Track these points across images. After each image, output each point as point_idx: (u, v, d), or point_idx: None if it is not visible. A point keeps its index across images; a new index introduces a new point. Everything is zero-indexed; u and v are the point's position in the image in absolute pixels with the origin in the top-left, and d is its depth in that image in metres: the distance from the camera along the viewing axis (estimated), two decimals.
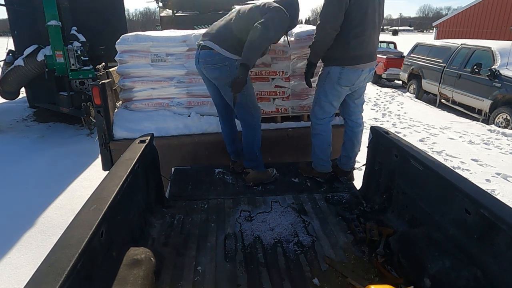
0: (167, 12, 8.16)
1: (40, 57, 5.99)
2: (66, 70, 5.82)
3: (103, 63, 4.52)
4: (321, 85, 2.54)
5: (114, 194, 1.48)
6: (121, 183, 1.58)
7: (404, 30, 79.89)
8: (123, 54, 3.10)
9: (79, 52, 5.88)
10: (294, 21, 2.47)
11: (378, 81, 12.29)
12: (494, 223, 1.33)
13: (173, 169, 2.87)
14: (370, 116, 7.39)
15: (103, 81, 2.91)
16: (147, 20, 66.57)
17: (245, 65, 2.22)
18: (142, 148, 2.05)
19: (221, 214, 2.27)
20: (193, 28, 4.55)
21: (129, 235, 1.70)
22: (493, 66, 6.96)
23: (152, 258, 1.52)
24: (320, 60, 2.56)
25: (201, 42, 2.46)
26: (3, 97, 6.92)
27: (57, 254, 1.10)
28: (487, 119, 7.10)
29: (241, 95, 2.39)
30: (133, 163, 1.82)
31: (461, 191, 1.51)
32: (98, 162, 3.25)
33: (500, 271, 1.31)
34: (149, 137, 2.26)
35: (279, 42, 2.97)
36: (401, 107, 8.47)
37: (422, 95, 9.60)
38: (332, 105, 2.56)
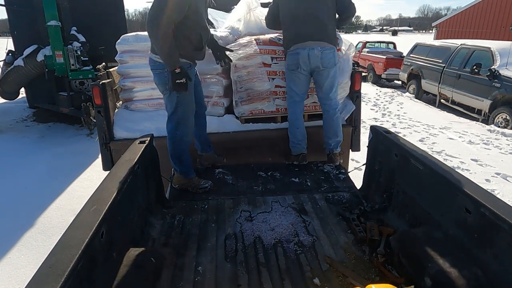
0: None
1: (40, 57, 5.99)
2: (66, 70, 5.82)
3: (103, 63, 4.52)
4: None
5: (114, 195, 1.48)
6: (121, 183, 1.58)
7: (403, 30, 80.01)
8: (123, 54, 3.10)
9: (79, 52, 5.88)
10: None
11: (378, 81, 12.29)
12: (494, 223, 1.33)
13: (173, 169, 2.86)
14: (370, 116, 7.39)
15: (103, 81, 2.91)
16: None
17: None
18: (142, 149, 2.05)
19: (221, 214, 2.26)
20: None
21: (129, 235, 1.69)
22: (493, 66, 6.96)
23: (152, 259, 1.52)
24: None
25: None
26: (2, 97, 6.91)
27: (58, 255, 1.10)
28: (486, 119, 7.11)
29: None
30: (133, 163, 1.82)
31: (461, 191, 1.51)
32: (98, 162, 3.24)
33: (501, 271, 1.31)
34: (149, 138, 2.26)
35: (278, 42, 2.98)
36: (401, 107, 8.47)
37: (422, 95, 9.60)
38: (291, 89, 2.90)
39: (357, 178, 2.77)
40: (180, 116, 2.40)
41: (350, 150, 3.33)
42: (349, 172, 2.98)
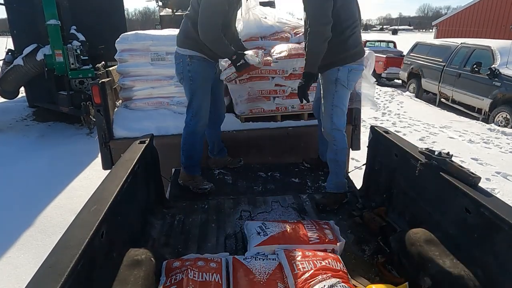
0: (167, 11, 8.15)
1: (39, 56, 5.98)
2: (65, 70, 5.81)
3: (103, 62, 4.52)
4: (333, 91, 2.31)
5: (114, 195, 1.47)
6: (121, 184, 1.58)
7: (403, 29, 79.93)
8: (123, 53, 3.10)
9: (78, 52, 5.86)
10: None
11: (378, 80, 12.28)
12: (494, 222, 1.32)
13: (173, 169, 2.87)
14: (369, 115, 7.38)
15: (102, 80, 2.91)
16: (147, 20, 66.46)
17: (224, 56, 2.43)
18: (142, 149, 2.05)
19: (221, 215, 2.26)
20: None
21: (129, 235, 1.69)
22: (493, 65, 6.95)
23: (152, 259, 1.52)
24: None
25: None
26: (2, 96, 6.90)
27: (58, 255, 1.10)
28: (487, 118, 7.10)
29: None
30: (133, 163, 1.82)
31: (461, 191, 1.51)
32: (98, 161, 3.24)
33: (501, 271, 1.31)
34: (149, 138, 2.26)
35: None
36: (401, 106, 8.47)
37: (422, 94, 9.60)
38: (347, 111, 2.41)
39: (357, 177, 2.76)
40: (194, 108, 2.48)
41: (351, 149, 3.32)
42: (349, 172, 2.98)
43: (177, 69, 2.50)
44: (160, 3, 8.36)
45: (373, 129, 2.43)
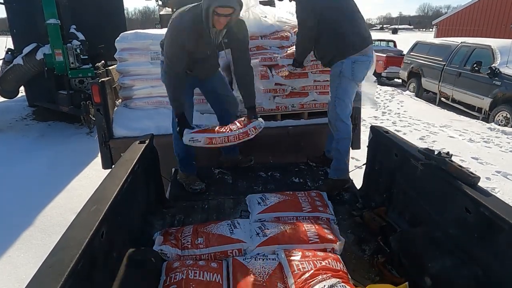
0: (167, 10, 8.13)
1: (39, 55, 5.97)
2: (65, 69, 5.80)
3: (103, 61, 4.51)
4: (337, 83, 2.48)
5: (115, 195, 1.47)
6: (121, 183, 1.58)
7: (403, 28, 79.86)
8: (122, 52, 3.09)
9: (78, 51, 5.85)
10: None
11: (378, 79, 12.27)
12: (494, 222, 1.32)
13: (173, 169, 2.87)
14: (370, 115, 7.38)
15: (102, 79, 2.90)
16: (147, 19, 66.31)
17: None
18: (142, 149, 2.04)
19: (221, 215, 2.26)
20: None
21: (129, 235, 1.69)
22: (493, 64, 6.95)
23: (152, 259, 1.52)
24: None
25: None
26: (2, 95, 6.89)
27: (58, 255, 1.10)
28: (487, 117, 7.10)
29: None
30: (133, 163, 1.81)
31: (461, 191, 1.51)
32: (98, 160, 3.24)
33: (501, 270, 1.31)
34: (149, 138, 2.25)
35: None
36: (401, 106, 8.47)
37: (422, 94, 9.59)
38: (351, 102, 2.55)
39: (357, 177, 2.76)
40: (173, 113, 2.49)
41: (351, 148, 3.32)
42: (349, 172, 2.97)
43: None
44: (160, 2, 8.34)
45: (373, 129, 2.43)
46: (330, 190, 2.44)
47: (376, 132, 2.37)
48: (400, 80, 11.37)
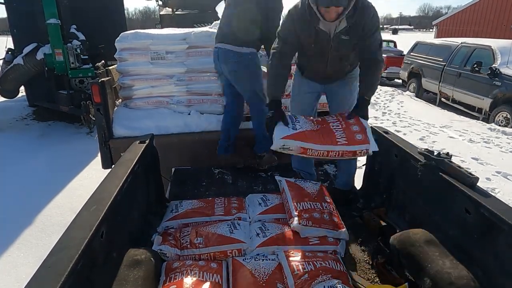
0: (167, 10, 8.14)
1: (39, 55, 5.97)
2: (65, 69, 5.80)
3: (103, 61, 4.50)
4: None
5: (114, 194, 1.47)
6: (121, 183, 1.58)
7: (404, 28, 79.81)
8: (122, 52, 3.09)
9: (78, 51, 5.85)
10: None
11: None
12: (494, 223, 1.32)
13: (173, 169, 2.87)
14: (370, 115, 7.35)
15: (102, 79, 2.90)
16: (147, 19, 66.32)
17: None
18: (143, 149, 2.04)
19: None
20: (193, 26, 4.54)
21: (129, 235, 1.69)
22: (493, 65, 6.95)
23: (152, 259, 1.52)
24: None
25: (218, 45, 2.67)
26: (2, 95, 6.89)
27: (57, 255, 1.10)
28: (487, 118, 7.10)
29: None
30: (133, 163, 1.81)
31: (461, 191, 1.51)
32: (98, 160, 3.24)
33: (501, 271, 1.31)
34: (149, 138, 2.25)
35: None
36: (401, 106, 8.46)
37: (422, 94, 9.59)
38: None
39: (357, 177, 2.75)
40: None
41: None
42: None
43: (238, 67, 2.58)
44: (160, 2, 8.36)
45: (373, 129, 2.42)
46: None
47: (376, 133, 2.37)
48: (400, 81, 11.36)
